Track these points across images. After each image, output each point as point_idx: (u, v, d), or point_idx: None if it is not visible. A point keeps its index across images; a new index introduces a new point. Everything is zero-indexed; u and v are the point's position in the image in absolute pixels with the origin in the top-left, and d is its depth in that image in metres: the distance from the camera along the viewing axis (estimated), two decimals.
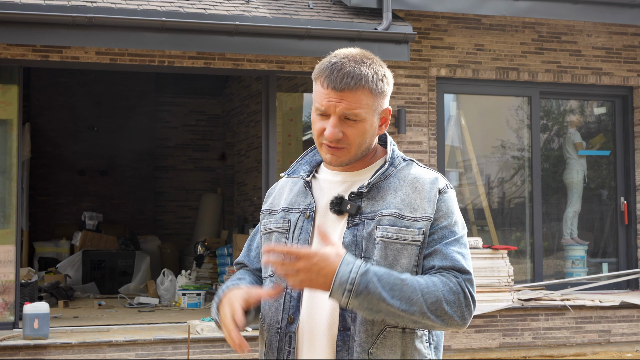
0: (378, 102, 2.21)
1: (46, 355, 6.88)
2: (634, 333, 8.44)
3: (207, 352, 7.19)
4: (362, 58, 2.20)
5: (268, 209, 2.39)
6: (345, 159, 2.21)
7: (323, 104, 2.17)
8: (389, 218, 2.17)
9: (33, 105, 13.19)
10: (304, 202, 2.30)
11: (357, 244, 2.18)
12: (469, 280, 2.15)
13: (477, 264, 7.91)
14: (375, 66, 2.20)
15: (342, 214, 2.22)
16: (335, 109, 2.16)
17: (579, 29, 9.25)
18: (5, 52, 7.51)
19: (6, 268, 7.54)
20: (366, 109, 2.17)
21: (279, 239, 2.30)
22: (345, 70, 2.15)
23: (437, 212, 2.19)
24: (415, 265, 2.18)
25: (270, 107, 8.39)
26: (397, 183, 2.22)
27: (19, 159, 7.76)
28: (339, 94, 2.15)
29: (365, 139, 2.20)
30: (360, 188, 2.21)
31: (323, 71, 2.19)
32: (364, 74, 2.16)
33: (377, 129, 2.24)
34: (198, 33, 7.37)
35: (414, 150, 8.50)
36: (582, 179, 9.60)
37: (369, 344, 2.14)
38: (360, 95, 2.16)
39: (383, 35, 7.75)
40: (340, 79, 2.15)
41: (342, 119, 2.17)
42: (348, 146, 2.19)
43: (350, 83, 2.14)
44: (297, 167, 2.37)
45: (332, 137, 2.17)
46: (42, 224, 13.01)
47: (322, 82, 2.18)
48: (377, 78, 2.19)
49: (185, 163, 14.30)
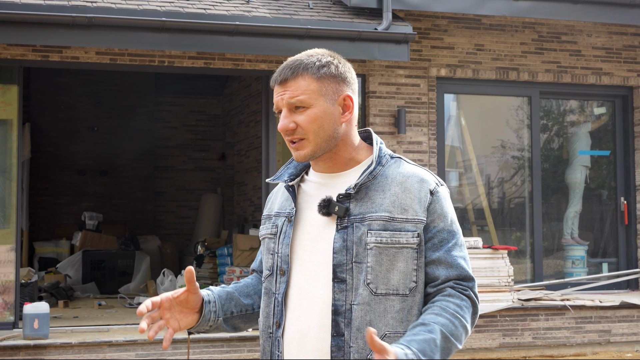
0: (327, 87, 2.21)
1: (46, 355, 6.88)
2: (634, 333, 8.44)
3: (207, 352, 7.19)
4: (309, 53, 2.26)
5: (267, 215, 2.41)
6: (309, 150, 2.21)
7: (274, 102, 2.24)
8: (379, 222, 2.15)
9: (33, 105, 13.19)
10: (289, 206, 2.30)
11: (348, 249, 2.16)
12: (474, 287, 2.21)
13: (477, 264, 7.91)
14: (319, 56, 2.24)
15: (330, 216, 2.21)
16: (282, 101, 2.21)
17: (579, 29, 9.25)
18: (5, 52, 7.51)
19: (6, 268, 7.54)
20: (310, 94, 2.19)
21: (269, 244, 2.33)
22: (285, 65, 2.23)
23: (432, 214, 2.18)
24: (415, 269, 2.16)
25: (270, 107, 8.39)
26: (385, 182, 2.21)
27: (19, 159, 7.76)
28: (282, 87, 2.21)
29: (321, 125, 2.19)
30: (348, 189, 2.20)
31: (273, 75, 2.28)
32: (304, 62, 2.21)
33: (337, 116, 2.22)
34: (198, 33, 7.36)
35: (414, 150, 8.50)
36: (584, 179, 9.60)
37: (367, 350, 2.13)
38: (300, 82, 2.19)
39: (383, 35, 7.75)
40: (280, 72, 2.22)
41: (291, 110, 2.21)
42: (305, 135, 2.20)
43: (287, 73, 2.20)
44: (282, 172, 2.38)
45: (283, 128, 2.20)
46: (42, 224, 13.00)
47: (271, 84, 2.26)
48: (320, 64, 2.21)
49: (185, 163, 14.30)
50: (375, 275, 2.14)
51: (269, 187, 8.33)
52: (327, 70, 2.21)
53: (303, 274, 2.22)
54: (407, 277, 2.16)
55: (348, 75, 2.25)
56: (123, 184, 13.87)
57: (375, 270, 2.14)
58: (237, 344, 7.29)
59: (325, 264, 2.18)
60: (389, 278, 2.14)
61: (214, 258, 10.94)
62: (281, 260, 2.25)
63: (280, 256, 2.26)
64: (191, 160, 14.31)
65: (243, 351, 7.30)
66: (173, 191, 14.24)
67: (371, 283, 2.13)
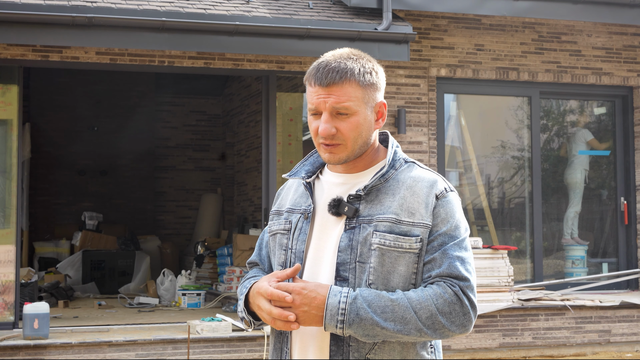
0: (369, 95, 2.21)
1: (46, 355, 6.88)
2: (634, 333, 8.44)
3: (207, 352, 7.19)
4: (348, 55, 2.23)
5: (276, 210, 2.40)
6: (343, 155, 2.21)
7: (313, 102, 2.20)
8: (385, 224, 2.15)
9: (33, 105, 13.19)
10: (305, 203, 2.30)
11: (353, 248, 2.17)
12: (467, 287, 2.13)
13: (477, 264, 7.92)
14: (362, 61, 2.22)
15: (339, 216, 2.22)
16: (325, 104, 2.17)
17: (579, 29, 9.25)
18: (5, 52, 7.51)
19: (6, 268, 7.54)
20: (356, 102, 2.18)
21: (281, 239, 2.31)
22: (330, 67, 2.18)
23: (436, 218, 2.17)
24: (415, 272, 2.17)
25: (270, 107, 8.39)
26: (395, 186, 2.21)
27: (19, 159, 7.76)
28: (326, 90, 2.17)
29: (360, 133, 2.20)
30: (358, 190, 2.21)
31: (311, 71, 2.22)
32: (350, 68, 2.18)
33: (372, 124, 2.23)
34: (198, 33, 7.36)
35: (414, 150, 8.50)
36: (583, 179, 9.61)
37: (366, 350, 2.14)
38: (347, 88, 2.17)
39: (383, 35, 7.75)
40: (326, 74, 2.17)
41: (333, 115, 2.18)
42: (343, 142, 2.19)
43: (335, 77, 2.17)
44: (299, 169, 2.37)
45: (326, 133, 2.17)
46: (42, 224, 13.00)
47: (310, 82, 2.21)
48: (364, 71, 2.20)
49: (185, 163, 14.30)
50: (377, 276, 2.15)
51: (269, 187, 8.33)
52: (370, 77, 2.21)
53: (312, 271, 2.23)
54: (406, 280, 2.16)
55: (383, 82, 2.26)
56: (123, 184, 13.87)
57: (377, 271, 2.14)
58: (237, 344, 7.29)
59: (330, 262, 2.20)
60: (389, 279, 2.15)
61: (214, 258, 10.94)
62: (295, 257, 2.26)
63: (294, 252, 2.26)
64: (191, 160, 14.31)
65: (243, 351, 7.30)
66: (173, 191, 14.24)
67: (372, 284, 2.14)
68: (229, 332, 7.27)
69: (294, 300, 2.08)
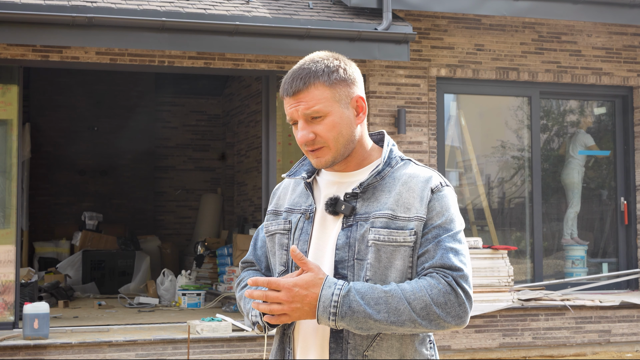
0: (340, 93, 2.21)
1: (46, 355, 6.88)
2: (634, 333, 8.44)
3: (207, 352, 7.19)
4: (312, 59, 2.24)
5: (273, 210, 2.40)
6: (329, 157, 2.21)
7: (288, 113, 2.23)
8: (381, 220, 2.16)
9: (33, 105, 13.18)
10: (305, 203, 2.31)
11: (350, 245, 2.18)
12: (461, 277, 2.11)
13: (477, 264, 7.92)
14: (326, 61, 2.22)
15: (337, 215, 2.22)
16: (297, 112, 2.20)
17: (579, 29, 9.25)
18: (5, 52, 7.51)
19: (6, 268, 7.54)
20: (325, 103, 2.18)
21: (281, 240, 2.32)
22: (295, 75, 2.21)
23: (431, 212, 2.17)
24: (410, 266, 2.17)
25: (270, 107, 8.39)
26: (392, 183, 2.21)
27: (19, 159, 7.76)
28: (295, 99, 2.20)
29: (340, 132, 2.20)
30: (354, 189, 2.21)
31: (281, 86, 2.25)
32: (313, 71, 2.19)
33: (352, 119, 2.23)
34: (198, 33, 7.36)
35: (413, 150, 8.50)
36: (581, 179, 9.61)
37: (364, 347, 2.15)
38: (314, 92, 2.18)
39: (383, 35, 7.75)
40: (291, 84, 2.20)
41: (308, 120, 2.20)
42: (325, 144, 2.20)
43: (299, 84, 2.19)
44: (298, 168, 2.38)
45: (304, 140, 2.19)
46: (42, 224, 13.00)
47: (282, 95, 2.25)
48: (329, 70, 2.20)
49: (185, 163, 14.30)
50: (374, 272, 2.15)
51: (269, 187, 8.33)
52: (337, 75, 2.21)
53: None
54: (403, 275, 2.17)
55: (356, 76, 2.26)
56: (123, 184, 13.87)
57: (374, 267, 2.15)
58: (237, 344, 7.30)
59: (329, 260, 2.21)
60: (386, 275, 2.16)
61: (214, 258, 10.94)
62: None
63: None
64: (191, 160, 14.31)
65: (243, 351, 7.30)
66: (173, 191, 14.24)
67: (370, 280, 2.15)
68: (229, 332, 7.27)
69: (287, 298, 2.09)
